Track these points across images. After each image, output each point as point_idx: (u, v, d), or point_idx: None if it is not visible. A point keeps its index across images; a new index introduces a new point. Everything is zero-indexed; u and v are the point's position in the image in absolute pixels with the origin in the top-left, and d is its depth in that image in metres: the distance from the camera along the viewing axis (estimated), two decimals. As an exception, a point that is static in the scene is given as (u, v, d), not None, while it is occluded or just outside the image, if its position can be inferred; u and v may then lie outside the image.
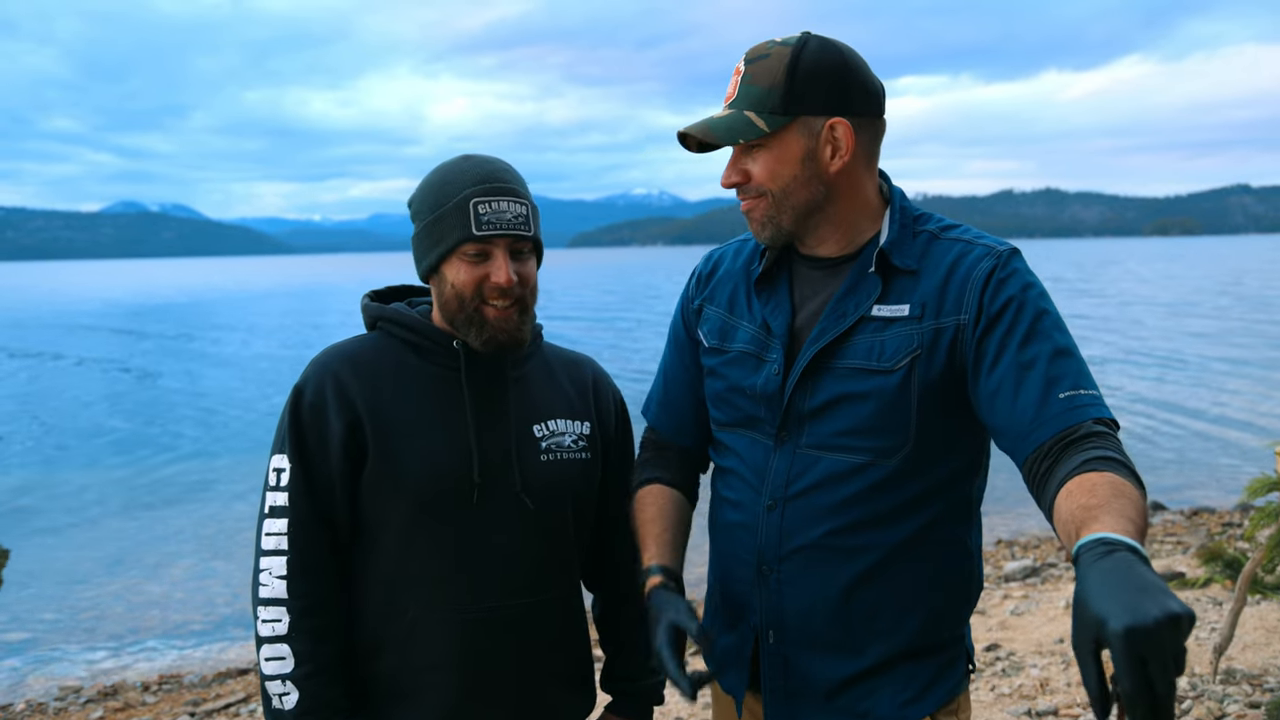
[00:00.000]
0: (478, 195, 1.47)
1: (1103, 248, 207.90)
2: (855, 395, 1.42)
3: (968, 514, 1.50)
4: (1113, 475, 1.16)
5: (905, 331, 1.41)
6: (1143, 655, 0.83)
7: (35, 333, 34.47)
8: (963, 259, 1.42)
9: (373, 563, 1.52)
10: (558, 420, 1.60)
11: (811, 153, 1.42)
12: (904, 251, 1.45)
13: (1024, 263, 1.43)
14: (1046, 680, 4.19)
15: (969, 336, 1.38)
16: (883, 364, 1.41)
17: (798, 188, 1.43)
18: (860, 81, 1.44)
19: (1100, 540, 0.98)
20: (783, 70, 1.40)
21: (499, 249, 1.48)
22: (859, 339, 1.43)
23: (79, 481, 11.24)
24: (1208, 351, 20.87)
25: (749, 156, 1.45)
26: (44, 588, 7.55)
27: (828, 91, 1.41)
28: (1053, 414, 1.29)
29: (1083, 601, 0.90)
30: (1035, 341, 1.34)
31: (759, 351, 1.51)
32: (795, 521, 1.46)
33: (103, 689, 5.62)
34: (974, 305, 1.38)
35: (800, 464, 1.46)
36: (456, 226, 1.47)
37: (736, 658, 1.56)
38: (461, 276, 1.48)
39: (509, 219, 1.48)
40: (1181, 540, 7.37)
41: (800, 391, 1.46)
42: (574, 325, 30.03)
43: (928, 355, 1.40)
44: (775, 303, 1.52)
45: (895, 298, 1.43)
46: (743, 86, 1.43)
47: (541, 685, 1.58)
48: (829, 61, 1.42)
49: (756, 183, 1.45)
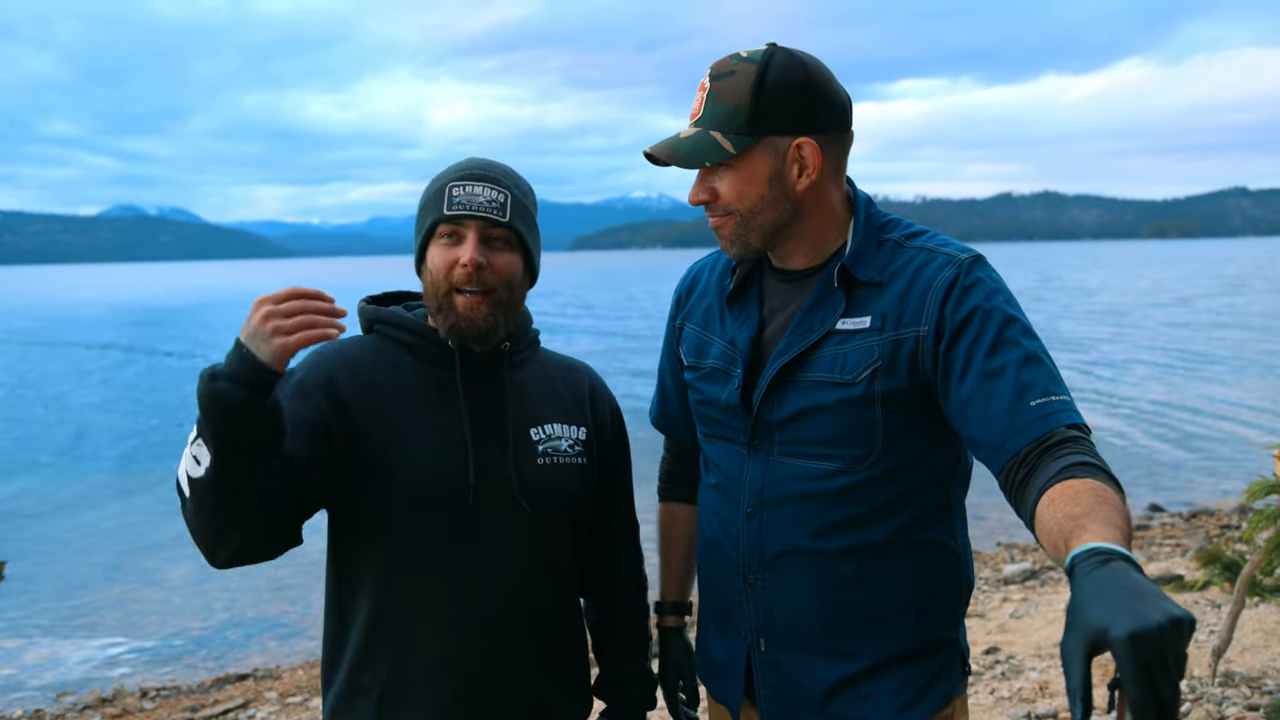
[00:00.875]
0: (454, 180, 1.50)
1: (1100, 250, 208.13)
2: (820, 408, 1.43)
3: (947, 514, 1.50)
4: (1094, 481, 1.16)
5: (866, 344, 1.41)
6: (1147, 660, 0.83)
7: (35, 336, 34.42)
8: (924, 269, 1.42)
9: (366, 565, 1.51)
10: (554, 424, 1.60)
11: (778, 172, 1.42)
12: (867, 263, 1.45)
13: (988, 270, 1.42)
14: (1046, 683, 4.19)
15: (929, 348, 1.38)
16: (845, 376, 1.41)
17: (765, 207, 1.43)
18: (826, 97, 1.42)
19: (1094, 550, 0.98)
20: (748, 89, 1.39)
21: (470, 230, 1.47)
22: (823, 352, 1.44)
23: (77, 486, 11.22)
24: (1207, 351, 20.89)
25: (716, 175, 1.45)
26: (41, 593, 7.53)
27: (794, 110, 1.40)
28: (1025, 422, 1.28)
29: (1080, 609, 0.90)
30: (1003, 350, 1.33)
31: (727, 367, 1.54)
32: (774, 527, 1.47)
33: (100, 695, 5.61)
34: (934, 316, 1.38)
35: (774, 470, 1.47)
36: (432, 210, 1.50)
37: (730, 668, 1.56)
38: (435, 260, 1.48)
39: (481, 202, 1.48)
40: (1180, 542, 7.37)
41: (768, 404, 1.47)
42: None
43: (888, 367, 1.40)
44: (744, 317, 1.54)
45: (858, 310, 1.43)
46: (708, 104, 1.42)
47: (537, 690, 1.57)
48: (794, 78, 1.40)
49: (724, 202, 1.45)
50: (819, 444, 1.44)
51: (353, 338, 1.59)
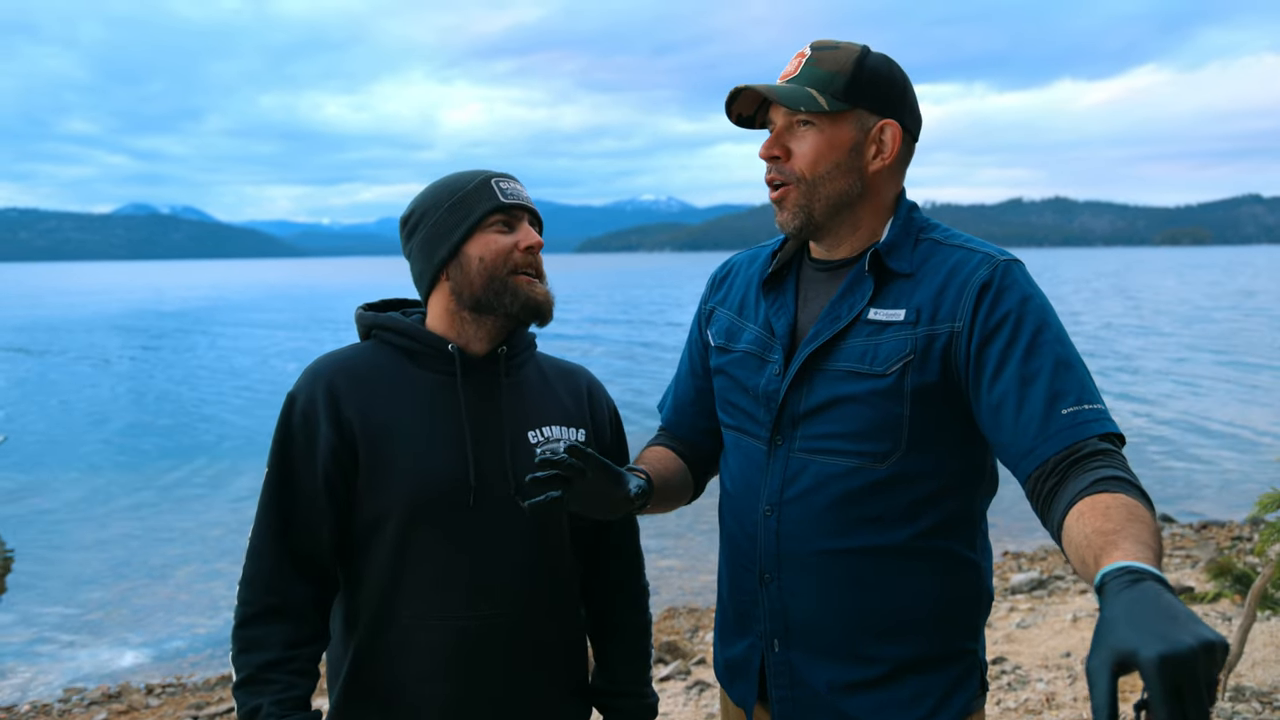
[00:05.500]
0: (495, 177, 1.57)
1: (1113, 257, 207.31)
2: (848, 398, 1.42)
3: (969, 525, 1.48)
4: (1125, 497, 1.15)
5: (899, 336, 1.41)
6: (1178, 684, 0.81)
7: (45, 333, 34.65)
8: (961, 266, 1.42)
9: (366, 570, 1.52)
10: (553, 427, 1.60)
11: (858, 146, 1.45)
12: (900, 255, 1.45)
13: (1024, 274, 1.42)
14: (1053, 694, 4.16)
15: (962, 345, 1.37)
16: (875, 368, 1.41)
17: (837, 176, 1.45)
18: (913, 102, 1.50)
19: (1125, 569, 0.97)
20: (851, 62, 1.44)
21: (523, 220, 1.57)
22: (853, 342, 1.43)
23: (86, 483, 11.28)
24: (1218, 362, 20.77)
25: (795, 134, 1.46)
26: (49, 589, 7.57)
27: (888, 95, 1.46)
28: (1056, 430, 1.27)
29: (1110, 628, 0.88)
30: (1037, 355, 1.33)
31: (761, 352, 1.53)
32: (791, 527, 1.46)
33: (107, 691, 5.63)
34: (968, 313, 1.37)
35: (794, 468, 1.46)
36: (483, 200, 1.54)
37: (745, 668, 1.55)
38: (491, 247, 1.53)
39: (526, 195, 1.59)
40: (1190, 554, 7.32)
41: (795, 393, 1.46)
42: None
43: (920, 361, 1.39)
44: (780, 304, 1.54)
45: (892, 302, 1.43)
46: (807, 67, 1.46)
47: (536, 694, 1.57)
48: (893, 71, 1.47)
49: (795, 163, 1.46)
50: (841, 438, 1.42)
51: (351, 345, 1.61)
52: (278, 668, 1.44)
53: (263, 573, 1.49)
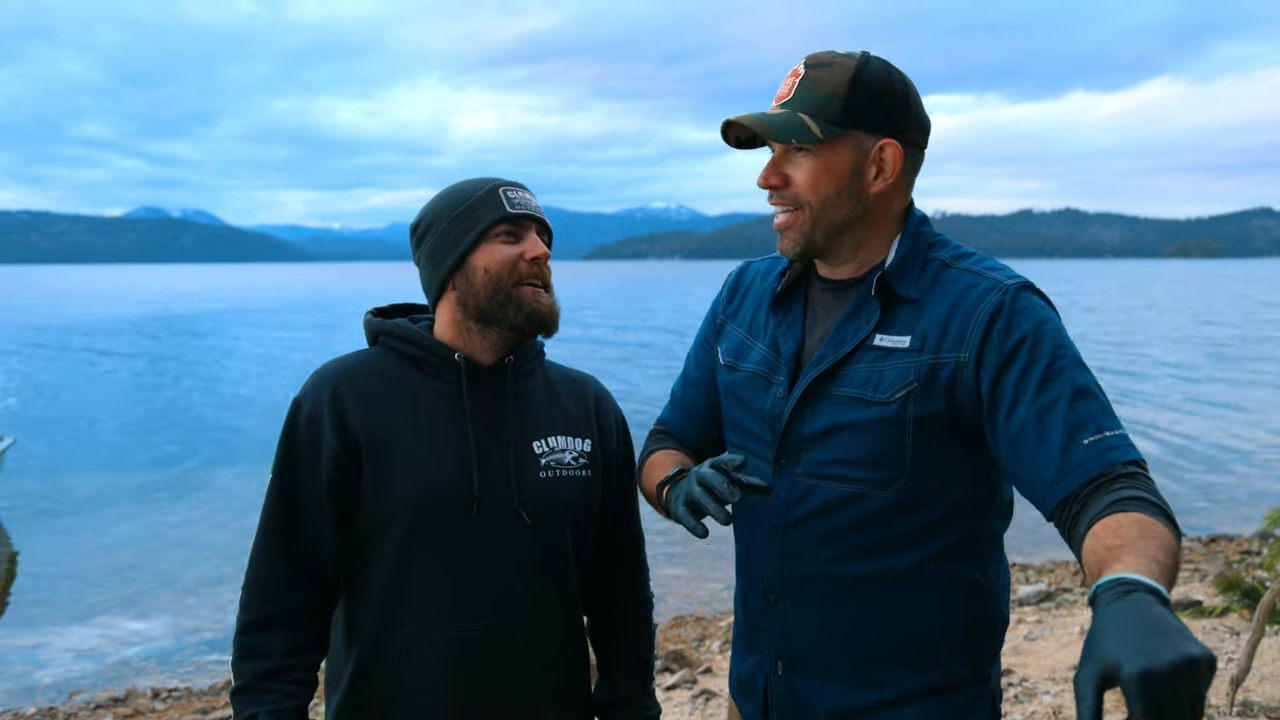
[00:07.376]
0: (503, 186, 1.56)
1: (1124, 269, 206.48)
2: (851, 425, 1.40)
3: (978, 548, 1.45)
4: (1140, 515, 1.13)
5: (904, 364, 1.38)
6: (1159, 700, 0.80)
7: (56, 336, 34.81)
8: (968, 292, 1.38)
9: (368, 578, 1.51)
10: (558, 437, 1.60)
11: (857, 169, 1.41)
12: (907, 279, 1.42)
13: (1036, 297, 1.38)
14: (1059, 708, 4.14)
15: (969, 376, 1.34)
16: (878, 395, 1.38)
17: (838, 202, 1.41)
18: (915, 109, 1.44)
19: (1119, 581, 0.96)
20: (846, 82, 1.39)
21: (530, 230, 1.55)
22: (857, 368, 1.41)
23: (94, 485, 11.32)
24: (1227, 375, 20.65)
25: (792, 161, 1.43)
26: (56, 591, 7.60)
27: (886, 112, 1.40)
28: (1079, 462, 1.24)
29: (1097, 640, 0.87)
30: (1054, 383, 1.29)
31: (768, 373, 1.51)
32: (795, 549, 1.45)
33: (113, 695, 5.64)
34: (975, 343, 1.34)
35: (799, 491, 1.44)
36: (490, 209, 1.53)
37: (751, 686, 1.54)
38: (496, 257, 1.52)
39: (535, 205, 1.57)
40: (1199, 568, 7.28)
41: (799, 416, 1.45)
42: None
43: (924, 390, 1.36)
44: (788, 324, 1.52)
45: (898, 328, 1.40)
46: (800, 89, 1.41)
47: (538, 705, 1.56)
48: (890, 83, 1.41)
49: (795, 190, 1.43)
50: (843, 464, 1.40)
51: (358, 351, 1.61)
52: (275, 676, 1.44)
53: (264, 579, 1.49)
